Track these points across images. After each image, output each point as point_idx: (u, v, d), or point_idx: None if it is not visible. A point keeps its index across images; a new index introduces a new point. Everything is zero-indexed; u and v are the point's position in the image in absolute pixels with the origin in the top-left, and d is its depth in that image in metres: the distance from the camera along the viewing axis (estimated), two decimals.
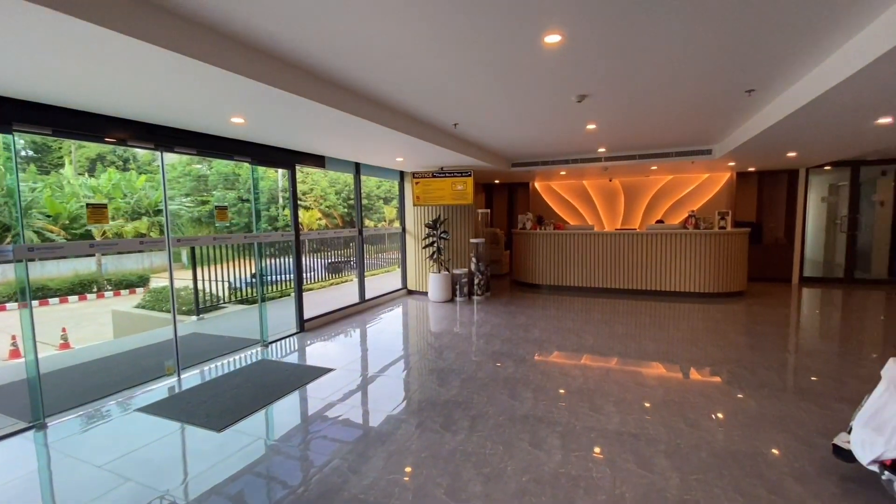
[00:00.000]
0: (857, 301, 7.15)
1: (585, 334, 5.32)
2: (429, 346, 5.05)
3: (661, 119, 5.04)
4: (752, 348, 4.67)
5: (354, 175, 6.92)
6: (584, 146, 6.95)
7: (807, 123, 4.38)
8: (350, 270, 11.20)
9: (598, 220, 10.83)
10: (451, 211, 7.72)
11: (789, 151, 6.36)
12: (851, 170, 8.57)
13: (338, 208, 18.25)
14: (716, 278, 7.35)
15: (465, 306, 7.08)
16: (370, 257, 12.81)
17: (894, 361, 2.38)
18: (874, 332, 5.32)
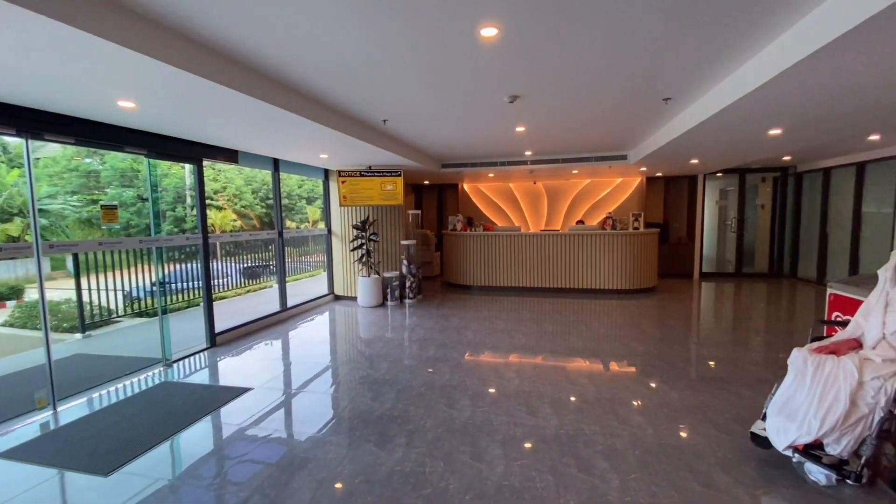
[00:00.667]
0: (746, 293, 8.04)
1: (517, 334, 5.36)
2: (360, 355, 4.75)
3: (585, 124, 5.22)
4: (668, 341, 4.99)
5: (273, 172, 6.38)
6: (513, 149, 7.05)
7: (711, 133, 4.77)
8: (270, 276, 10.41)
9: (523, 221, 11.14)
10: (381, 212, 7.44)
11: (693, 158, 6.96)
12: (739, 176, 9.66)
13: (255, 208, 16.98)
14: (631, 276, 7.85)
15: (397, 310, 6.84)
16: (293, 261, 12.05)
17: (798, 352, 2.58)
18: (763, 321, 5.97)
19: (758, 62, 3.12)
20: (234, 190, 16.55)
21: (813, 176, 8.86)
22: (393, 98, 4.04)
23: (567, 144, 6.72)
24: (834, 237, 8.22)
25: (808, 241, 8.98)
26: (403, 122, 4.97)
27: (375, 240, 7.11)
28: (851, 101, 3.59)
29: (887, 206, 6.86)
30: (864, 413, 2.25)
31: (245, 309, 7.06)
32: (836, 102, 3.62)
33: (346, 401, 3.54)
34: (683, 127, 4.70)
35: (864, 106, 3.77)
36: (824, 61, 2.69)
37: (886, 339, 2.45)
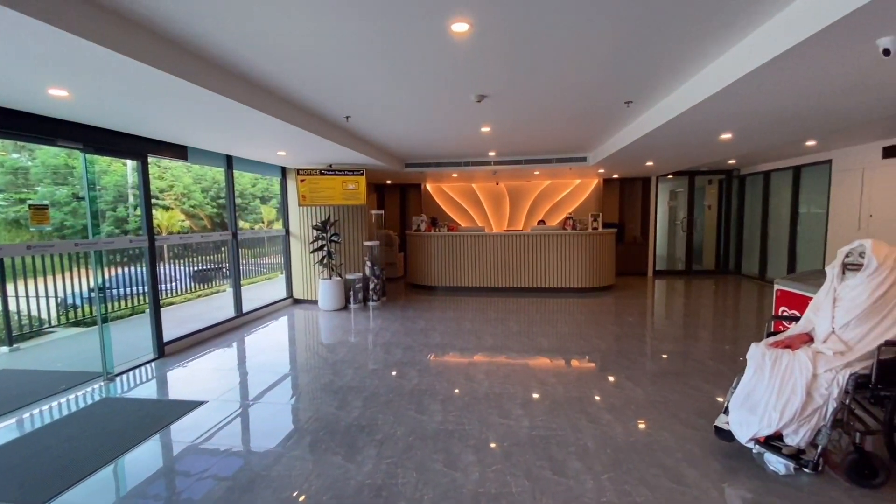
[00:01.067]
0: (696, 289, 8.45)
1: (484, 335, 5.34)
2: (323, 361, 4.56)
3: (550, 125, 5.27)
4: (629, 338, 5.14)
5: (226, 170, 6.03)
6: (477, 149, 7.04)
7: (668, 136, 4.94)
8: (223, 279, 9.88)
9: (486, 221, 11.20)
10: (342, 212, 7.22)
11: (649, 161, 7.23)
12: (689, 178, 10.16)
13: (206, 208, 16.11)
14: (591, 274, 8.06)
15: (361, 313, 6.66)
16: (248, 263, 11.51)
17: (756, 347, 2.69)
18: (714, 316, 6.28)
19: (715, 69, 3.24)
20: (182, 189, 15.62)
21: (754, 178, 9.45)
22: (357, 93, 3.90)
23: (530, 146, 6.79)
24: (773, 236, 8.81)
25: (751, 240, 9.57)
26: (367, 119, 4.82)
27: (337, 241, 6.89)
28: (794, 108, 3.81)
29: (820, 207, 7.41)
30: (818, 404, 2.37)
31: (197, 315, 6.64)
32: (782, 109, 3.84)
33: (311, 411, 3.37)
34: (642, 130, 4.84)
35: (804, 113, 4.01)
36: (773, 71, 2.82)
37: (836, 333, 2.60)
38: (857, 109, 3.91)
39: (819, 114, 4.06)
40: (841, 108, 3.87)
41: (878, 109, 3.92)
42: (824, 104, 3.70)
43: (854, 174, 6.61)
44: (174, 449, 2.89)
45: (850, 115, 4.11)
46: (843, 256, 2.73)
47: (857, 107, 3.83)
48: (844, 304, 2.61)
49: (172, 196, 15.86)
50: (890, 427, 2.37)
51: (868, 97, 3.51)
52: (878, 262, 2.52)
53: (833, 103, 3.68)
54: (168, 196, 15.77)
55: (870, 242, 2.60)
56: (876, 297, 2.50)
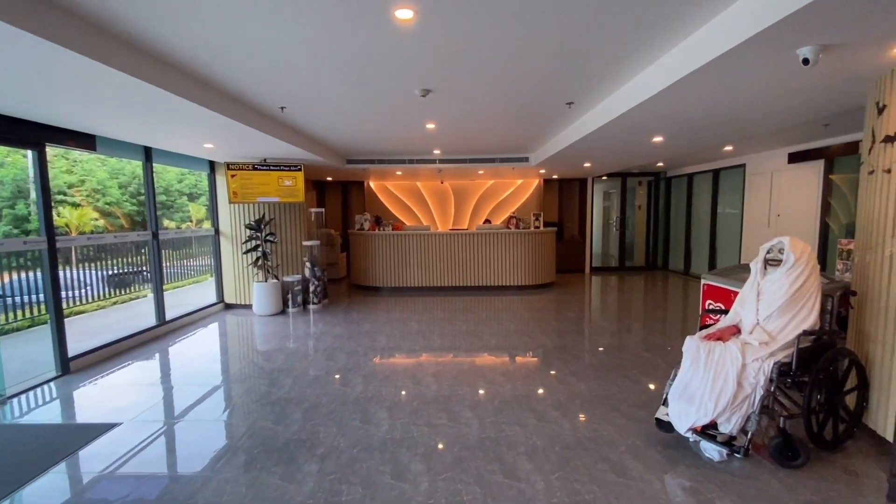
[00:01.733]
0: (629, 284, 8.93)
1: (432, 335, 5.25)
2: (258, 371, 4.24)
3: (494, 123, 5.28)
4: (571, 334, 5.28)
5: (144, 163, 5.45)
6: (422, 147, 6.93)
7: (606, 138, 5.13)
8: (144, 283, 8.99)
9: (432, 220, 11.13)
10: (279, 210, 6.80)
11: (587, 162, 7.51)
12: (621, 180, 10.72)
13: (124, 205, 14.64)
14: (533, 272, 8.24)
15: (301, 318, 6.31)
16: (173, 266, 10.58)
17: (691, 339, 2.82)
18: (647, 310, 6.64)
19: (649, 75, 3.37)
20: (96, 184, 14.08)
21: (679, 180, 10.16)
22: (293, 83, 3.64)
23: (475, 145, 6.79)
24: (696, 234, 9.51)
25: (677, 238, 10.28)
26: (305, 111, 4.54)
27: (273, 241, 6.48)
28: (716, 114, 4.08)
29: (736, 208, 8.10)
30: (748, 392, 2.51)
31: (111, 325, 5.96)
32: (706, 115, 4.09)
33: (244, 427, 3.09)
34: (582, 132, 4.98)
35: (724, 119, 4.31)
36: (699, 79, 2.98)
37: (760, 325, 2.78)
38: (770, 117, 4.27)
39: (737, 120, 4.38)
40: (757, 116, 4.20)
41: (790, 118, 4.30)
42: (742, 111, 3.99)
43: (764, 177, 7.28)
44: (83, 479, 2.51)
45: (765, 121, 4.48)
46: (764, 253, 2.93)
47: (771, 115, 4.17)
48: (767, 298, 2.79)
49: (84, 192, 14.25)
50: (808, 410, 2.57)
51: (781, 105, 3.82)
52: (795, 257, 2.73)
53: (750, 111, 3.98)
54: (78, 192, 14.14)
55: (788, 240, 2.81)
56: (794, 290, 2.70)
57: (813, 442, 2.63)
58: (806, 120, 4.42)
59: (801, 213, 6.54)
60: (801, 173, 6.56)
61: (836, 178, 6.07)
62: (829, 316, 2.90)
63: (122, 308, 7.66)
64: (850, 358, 2.81)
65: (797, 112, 4.06)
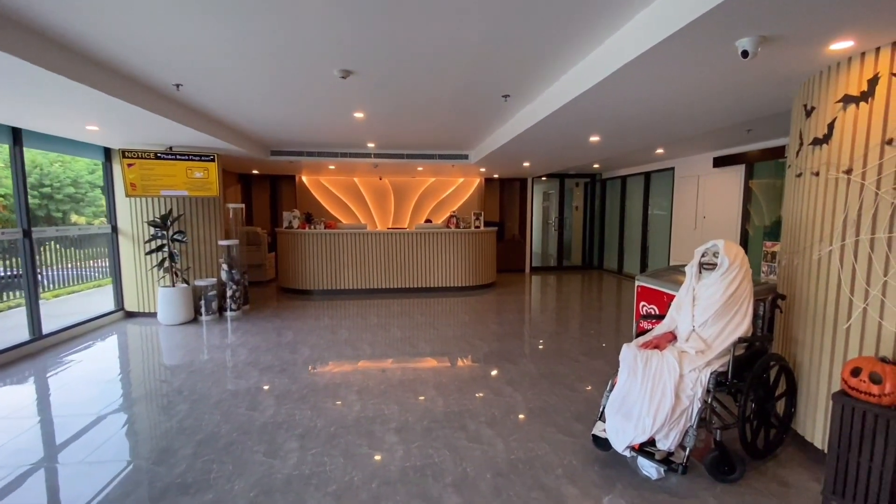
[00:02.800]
0: (567, 284, 9.00)
1: (362, 344, 4.83)
2: (152, 395, 3.61)
3: (427, 116, 4.95)
4: (509, 338, 5.08)
5: (11, 147, 4.54)
6: (354, 139, 6.46)
7: (542, 136, 4.98)
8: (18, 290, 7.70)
9: (370, 218, 10.63)
10: (190, 205, 6.04)
11: (525, 161, 7.40)
12: (559, 181, 10.84)
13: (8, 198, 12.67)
14: (474, 272, 8.04)
15: (215, 327, 5.62)
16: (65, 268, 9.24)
17: (628, 348, 2.65)
18: (584, 311, 6.64)
19: (582, 68, 3.20)
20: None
21: (614, 182, 10.43)
22: (185, 54, 3.08)
23: (411, 139, 6.43)
24: (629, 234, 9.80)
25: (611, 238, 10.56)
26: (206, 90, 3.93)
27: (182, 240, 5.72)
28: (652, 113, 4.03)
29: (666, 210, 8.38)
30: (685, 406, 2.37)
31: None
32: (642, 112, 4.02)
33: (113, 471, 2.52)
34: (519, 128, 4.79)
35: (660, 118, 4.28)
36: (634, 71, 2.82)
37: (696, 331, 2.66)
38: (700, 118, 4.29)
39: (670, 120, 4.38)
40: (688, 115, 4.20)
41: (718, 119, 4.34)
42: (675, 110, 3.96)
43: (691, 181, 7.56)
44: None
45: (695, 122, 4.51)
46: (699, 256, 2.83)
47: (701, 115, 4.18)
48: (702, 303, 2.69)
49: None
50: (743, 419, 2.48)
51: (710, 106, 3.82)
52: (729, 261, 2.64)
53: (683, 110, 3.95)
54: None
55: (722, 243, 2.72)
56: (728, 295, 2.61)
57: (746, 451, 2.55)
58: (732, 123, 4.51)
59: (724, 215, 6.83)
60: (724, 177, 6.85)
61: (753, 184, 6.39)
62: (762, 321, 2.86)
63: None
64: (779, 363, 2.78)
65: (725, 114, 4.09)
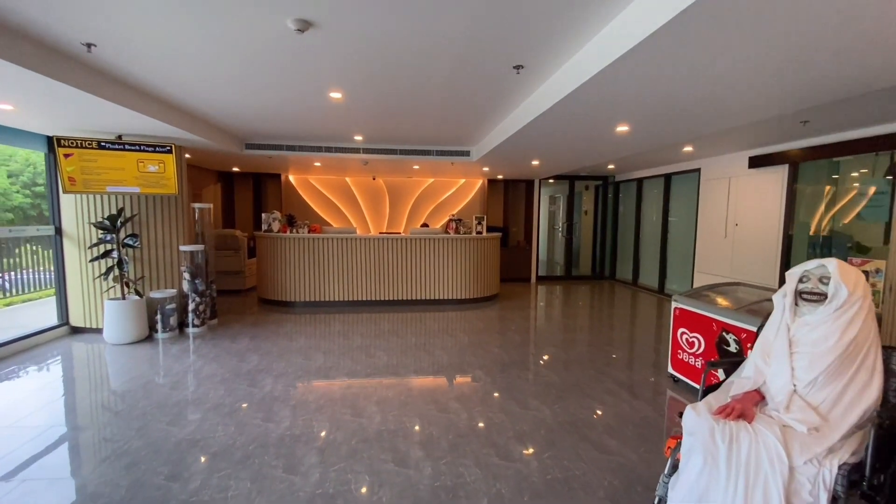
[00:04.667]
0: (579, 297, 8.13)
1: (338, 373, 3.98)
2: (49, 446, 2.76)
3: (424, 100, 4.13)
4: (516, 367, 4.23)
5: None
6: (338, 131, 5.64)
7: (560, 123, 4.15)
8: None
9: (363, 222, 9.81)
10: (146, 204, 5.21)
11: (535, 159, 6.57)
12: (569, 183, 10.00)
13: (13, 197, 11.88)
14: (475, 283, 7.20)
15: (170, 347, 4.78)
16: None
17: (699, 417, 1.80)
18: (602, 329, 5.78)
19: (622, 21, 2.37)
20: None
21: (628, 185, 9.58)
22: (100, 9, 2.26)
23: (404, 132, 5.61)
24: (646, 242, 8.95)
25: (625, 246, 9.70)
26: (134, 55, 3.11)
27: (134, 245, 4.89)
28: (696, 95, 3.19)
29: (690, 216, 7.53)
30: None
31: None
32: (684, 92, 3.19)
33: None
34: (533, 112, 3.96)
35: (702, 101, 3.44)
36: (682, 32, 2.00)
37: (798, 393, 1.82)
38: (751, 102, 3.44)
39: (712, 105, 3.53)
40: (737, 100, 3.36)
41: (771, 104, 3.50)
42: (734, 84, 3.11)
43: (720, 183, 6.72)
44: None
45: (741, 109, 3.67)
46: (795, 281, 1.99)
47: (752, 99, 3.34)
48: (806, 351, 1.85)
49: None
50: None
51: (766, 83, 2.99)
52: (848, 290, 1.80)
53: (743, 87, 3.11)
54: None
55: (835, 263, 1.88)
56: (848, 341, 1.77)
57: None
58: (787, 111, 3.66)
59: (762, 222, 5.98)
60: (762, 179, 6.00)
61: (800, 187, 5.54)
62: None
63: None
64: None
65: (783, 97, 3.25)
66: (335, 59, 3.10)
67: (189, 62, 3.17)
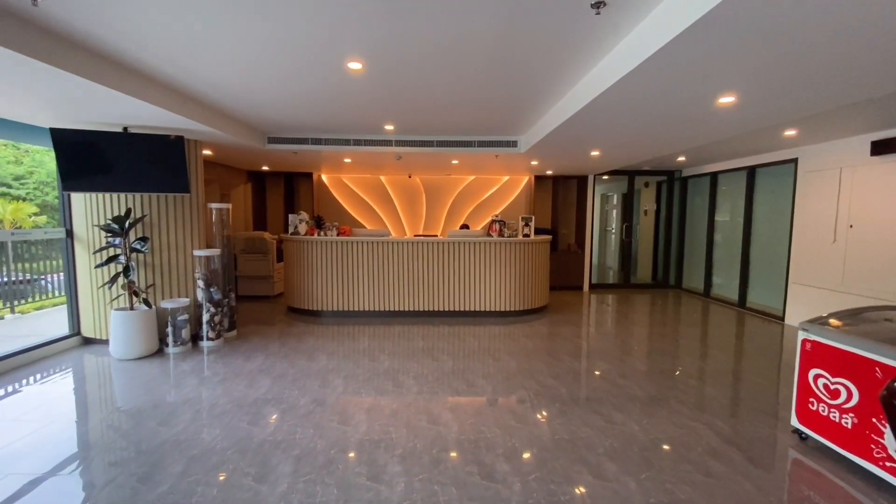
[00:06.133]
0: (644, 309, 7.05)
1: (357, 412, 3.26)
2: (40, 482, 2.20)
3: (460, 65, 3.33)
4: (583, 410, 3.34)
5: None
6: (365, 119, 4.94)
7: (637, 94, 3.22)
8: None
9: (398, 223, 9.16)
10: (159, 204, 4.74)
11: (595, 148, 5.61)
12: (628, 178, 8.87)
13: None
14: (521, 293, 6.33)
15: (181, 364, 4.26)
16: None
17: None
18: (682, 356, 4.75)
19: None
20: (45, 176, 11.70)
21: (698, 181, 8.36)
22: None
23: (440, 117, 4.83)
24: (721, 246, 7.71)
25: (694, 251, 8.48)
26: (142, 40, 2.52)
27: (141, 249, 4.41)
28: (834, 49, 2.20)
29: (782, 216, 6.29)
30: None
31: None
32: (817, 47, 2.20)
33: None
34: (606, 82, 3.06)
35: (840, 58, 2.43)
36: None
37: None
38: None
39: (846, 69, 2.50)
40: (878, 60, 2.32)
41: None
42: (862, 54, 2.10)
43: (828, 176, 5.47)
44: None
45: (883, 71, 2.61)
46: None
47: None
48: None
49: (32, 185, 11.82)
50: None
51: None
52: None
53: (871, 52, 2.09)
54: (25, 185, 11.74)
55: None
56: None
57: None
58: None
59: (889, 223, 4.73)
60: (889, 169, 4.75)
61: None
62: None
63: None
64: None
65: None
66: (349, 15, 2.37)
67: (202, 44, 2.55)
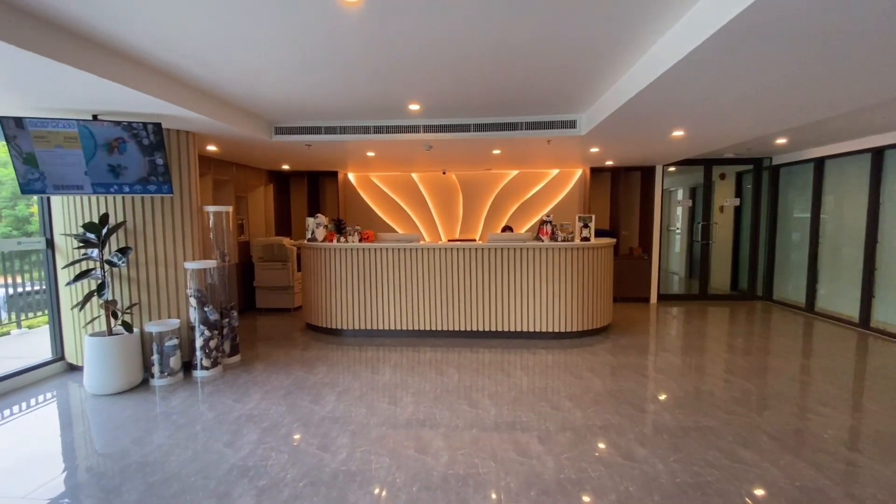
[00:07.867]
0: (729, 327, 5.69)
1: (371, 479, 2.30)
2: None
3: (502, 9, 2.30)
4: (687, 496, 2.21)
5: None
6: (386, 97, 3.97)
7: (731, 64, 2.06)
8: None
9: (432, 226, 8.22)
10: (142, 208, 4.01)
11: (678, 128, 4.39)
12: (705, 169, 7.46)
13: None
14: (579, 311, 5.18)
15: (163, 402, 3.48)
16: None
17: None
18: (795, 387, 3.46)
19: None
20: None
21: (794, 170, 6.85)
22: None
23: (478, 89, 3.79)
24: (829, 249, 6.19)
25: (788, 255, 6.96)
26: None
27: (118, 263, 3.68)
28: None
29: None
30: None
31: None
32: None
33: None
34: (703, 32, 1.93)
35: None
36: None
37: None
38: None
39: None
40: None
41: None
42: None
43: None
44: None
45: None
46: None
47: None
48: None
49: None
50: None
51: None
52: None
53: None
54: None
55: None
56: None
57: None
58: None
59: None
60: None
61: None
62: None
63: None
64: None
65: None
66: None
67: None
